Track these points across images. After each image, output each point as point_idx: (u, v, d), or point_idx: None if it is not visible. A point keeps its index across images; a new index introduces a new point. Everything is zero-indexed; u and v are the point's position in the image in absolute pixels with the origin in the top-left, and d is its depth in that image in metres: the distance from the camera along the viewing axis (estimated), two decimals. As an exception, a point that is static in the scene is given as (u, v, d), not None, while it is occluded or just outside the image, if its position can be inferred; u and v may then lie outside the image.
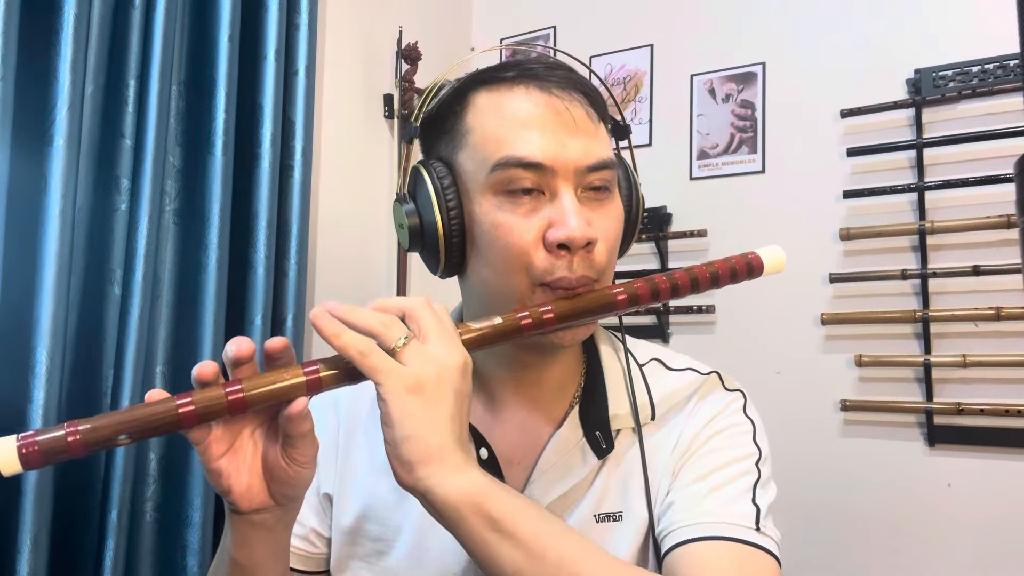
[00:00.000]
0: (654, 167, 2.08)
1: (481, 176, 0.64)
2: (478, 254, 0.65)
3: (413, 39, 2.04)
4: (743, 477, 0.66)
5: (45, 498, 1.17)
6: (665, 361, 0.76)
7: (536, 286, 0.63)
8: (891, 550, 1.74)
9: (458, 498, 0.52)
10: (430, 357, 0.54)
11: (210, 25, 1.50)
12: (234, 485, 0.56)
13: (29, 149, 1.21)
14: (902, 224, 1.76)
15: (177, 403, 0.51)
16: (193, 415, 0.51)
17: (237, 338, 0.54)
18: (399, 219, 0.69)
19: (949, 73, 1.74)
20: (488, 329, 0.60)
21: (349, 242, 1.91)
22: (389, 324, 0.55)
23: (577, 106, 0.65)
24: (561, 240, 0.61)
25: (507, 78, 0.66)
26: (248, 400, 0.52)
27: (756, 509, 0.64)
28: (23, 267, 1.20)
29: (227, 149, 1.48)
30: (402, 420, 0.52)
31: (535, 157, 0.62)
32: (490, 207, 0.63)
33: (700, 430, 0.69)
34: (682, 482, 0.67)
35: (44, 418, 1.16)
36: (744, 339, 1.94)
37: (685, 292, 0.66)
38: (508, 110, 0.64)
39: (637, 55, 2.17)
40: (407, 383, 0.52)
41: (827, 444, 1.82)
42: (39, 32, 1.22)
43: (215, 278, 1.45)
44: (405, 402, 0.52)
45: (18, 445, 0.48)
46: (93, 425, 0.49)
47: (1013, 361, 1.63)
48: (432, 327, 0.56)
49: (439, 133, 0.69)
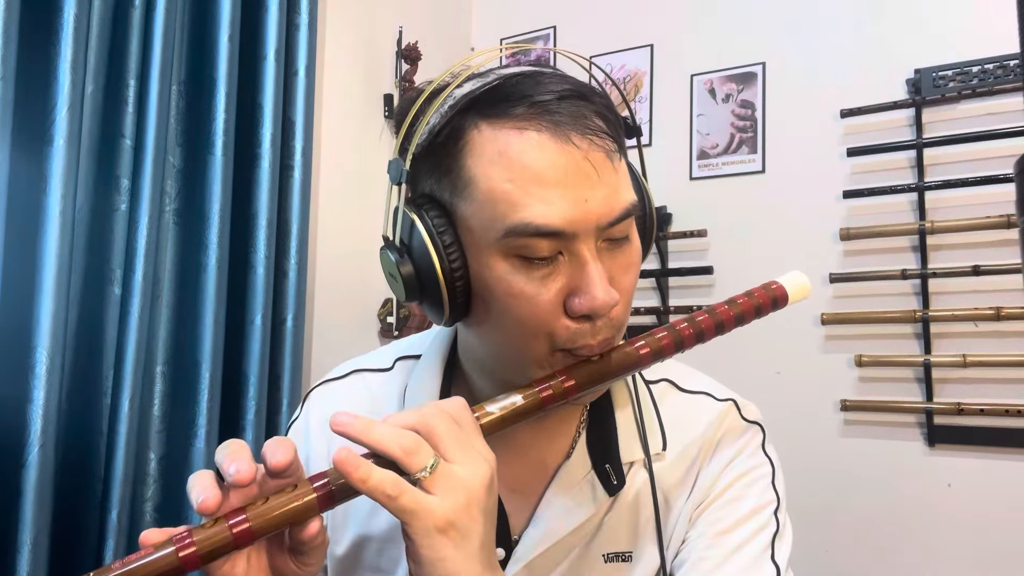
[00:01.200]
0: (654, 167, 2.08)
1: (491, 238, 0.55)
2: (488, 314, 0.59)
3: (413, 39, 2.04)
4: (762, 532, 0.64)
5: (45, 498, 1.17)
6: (677, 382, 0.71)
7: (556, 351, 0.58)
8: (891, 550, 1.74)
9: None
10: (458, 484, 0.50)
11: (210, 25, 1.50)
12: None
13: (29, 149, 1.21)
14: (902, 224, 1.76)
15: (176, 547, 0.47)
16: (195, 557, 0.47)
17: (235, 457, 0.49)
18: (389, 269, 0.60)
19: (949, 73, 1.74)
20: (508, 412, 0.55)
21: (349, 242, 1.91)
22: (411, 450, 0.49)
23: (597, 151, 0.56)
24: (587, 312, 0.56)
25: (513, 115, 0.55)
26: (255, 531, 0.48)
27: (776, 569, 0.62)
28: (23, 267, 1.20)
29: (227, 149, 1.48)
30: (432, 563, 0.49)
31: (555, 225, 0.54)
32: (503, 272, 0.56)
33: (719, 475, 0.66)
34: (699, 533, 0.65)
35: (44, 418, 1.16)
36: (744, 339, 1.93)
37: (710, 337, 0.62)
38: (518, 159, 0.54)
39: (637, 55, 2.17)
40: (437, 523, 0.48)
41: (827, 444, 1.83)
42: (39, 32, 1.22)
43: (215, 278, 1.45)
44: (435, 544, 0.48)
45: None
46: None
47: (1013, 361, 1.63)
48: (454, 443, 0.51)
49: (431, 167, 0.59)
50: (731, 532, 0.63)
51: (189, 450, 1.42)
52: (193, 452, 1.42)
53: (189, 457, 1.42)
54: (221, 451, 0.51)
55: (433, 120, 0.57)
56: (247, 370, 1.53)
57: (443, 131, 0.57)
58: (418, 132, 0.58)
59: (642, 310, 2.04)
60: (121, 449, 1.28)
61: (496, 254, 0.56)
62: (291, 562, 0.53)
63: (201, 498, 0.48)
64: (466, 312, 0.60)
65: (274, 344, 1.59)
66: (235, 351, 1.53)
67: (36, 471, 1.16)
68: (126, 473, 1.29)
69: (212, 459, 0.54)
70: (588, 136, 0.55)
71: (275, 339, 1.60)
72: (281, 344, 1.60)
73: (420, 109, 0.58)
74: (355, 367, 0.75)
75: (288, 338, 1.61)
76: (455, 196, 0.57)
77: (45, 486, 1.17)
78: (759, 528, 0.64)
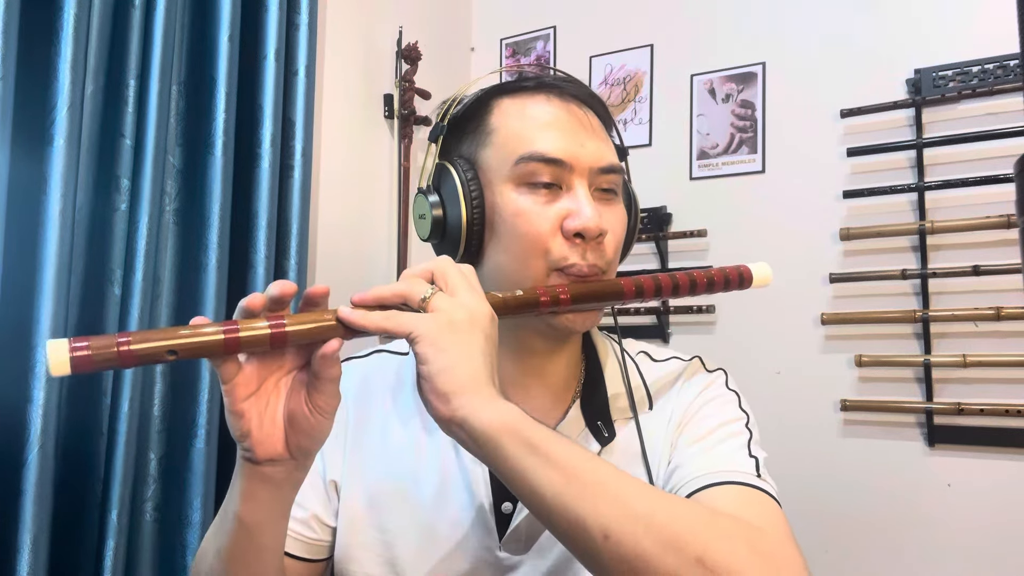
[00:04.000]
0: (654, 167, 2.08)
1: (505, 169, 0.70)
2: (496, 241, 0.70)
3: (413, 39, 2.04)
4: (738, 436, 0.71)
5: (45, 498, 1.17)
6: (651, 354, 0.82)
7: (551, 271, 0.68)
8: (891, 550, 1.74)
9: (495, 425, 0.54)
10: (460, 304, 0.57)
11: (210, 25, 1.49)
12: (253, 429, 0.56)
13: (29, 149, 1.21)
14: (902, 224, 1.76)
15: (223, 328, 0.52)
16: (237, 341, 0.52)
17: (281, 280, 0.55)
18: (421, 210, 0.75)
19: (949, 73, 1.74)
20: (510, 297, 0.63)
21: (349, 242, 1.91)
22: (413, 284, 0.58)
23: (592, 115, 0.73)
24: (577, 229, 0.67)
25: (528, 87, 0.74)
26: (289, 335, 0.54)
27: (755, 460, 0.69)
28: (23, 267, 1.20)
29: (227, 149, 1.48)
30: (436, 355, 0.54)
31: (555, 153, 0.68)
32: (511, 197, 0.69)
33: (690, 403, 0.75)
34: (681, 448, 0.72)
35: (44, 418, 1.16)
36: (744, 339, 1.94)
37: (683, 292, 0.71)
38: (530, 112, 0.72)
39: (637, 55, 2.17)
40: (439, 323, 0.55)
41: (827, 444, 1.82)
42: (39, 32, 1.22)
43: (215, 278, 1.45)
44: (438, 338, 0.55)
45: (70, 347, 0.48)
46: (144, 336, 0.50)
47: (1013, 361, 1.63)
48: (459, 282, 0.59)
49: (462, 134, 0.75)
50: (709, 435, 0.71)
51: (189, 450, 1.42)
52: (193, 452, 1.42)
53: (189, 457, 1.42)
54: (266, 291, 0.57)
55: (466, 99, 0.76)
56: (247, 370, 1.53)
57: (474, 105, 0.75)
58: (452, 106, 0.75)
59: (642, 310, 2.04)
60: (121, 449, 1.28)
61: (508, 182, 0.70)
62: (306, 405, 0.57)
63: (247, 299, 0.54)
64: (479, 251, 0.72)
65: (274, 344, 1.59)
66: (235, 351, 1.53)
67: (36, 471, 1.16)
68: (126, 473, 1.29)
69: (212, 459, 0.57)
70: (586, 105, 0.73)
71: (275, 339, 1.59)
72: (281, 344, 1.60)
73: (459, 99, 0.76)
74: (377, 348, 0.84)
75: (288, 338, 1.60)
76: (478, 146, 0.73)
77: (45, 486, 1.17)
78: (735, 432, 0.71)
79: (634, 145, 2.12)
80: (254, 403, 0.56)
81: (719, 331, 1.98)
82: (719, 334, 1.98)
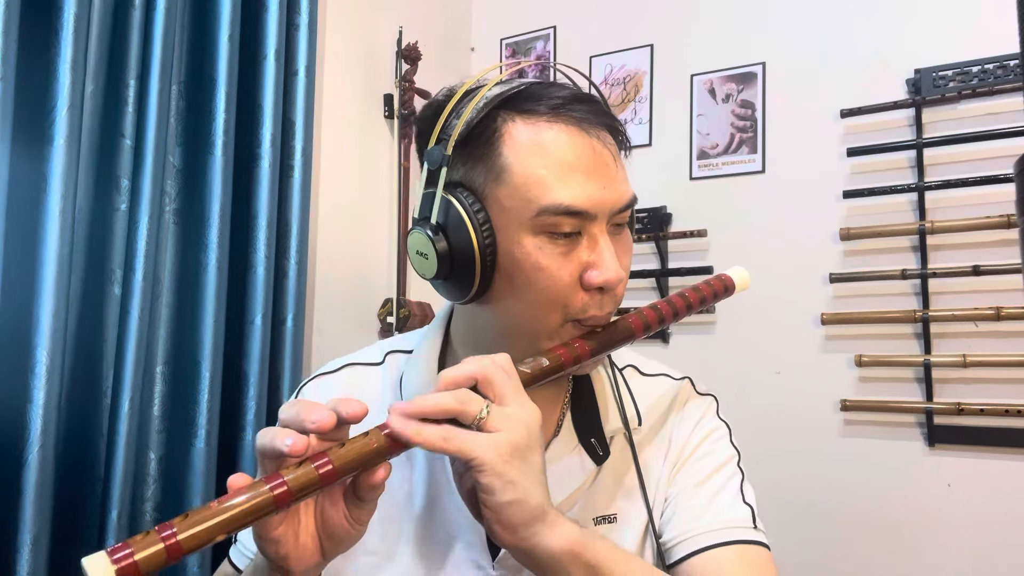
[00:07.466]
0: (654, 167, 2.08)
1: (524, 217, 0.63)
2: (510, 288, 0.65)
3: (413, 39, 2.04)
4: (732, 480, 0.74)
5: (45, 498, 1.17)
6: (639, 367, 0.81)
7: (567, 321, 0.66)
8: (891, 550, 1.74)
9: (560, 551, 0.56)
10: (516, 419, 0.56)
11: (210, 25, 1.50)
12: (290, 551, 0.55)
13: (29, 149, 1.21)
14: (902, 224, 1.76)
15: (269, 486, 0.50)
16: (288, 495, 0.50)
17: (311, 408, 0.53)
18: (422, 247, 0.67)
19: (949, 73, 1.74)
20: (538, 371, 0.62)
21: (349, 242, 1.91)
22: (465, 399, 0.56)
23: (612, 146, 0.66)
24: (601, 284, 0.64)
25: (541, 112, 0.65)
26: (337, 472, 0.52)
27: (750, 509, 0.73)
28: (23, 267, 1.20)
29: (227, 149, 1.48)
30: (504, 487, 0.54)
31: (581, 205, 0.63)
32: (531, 247, 0.63)
33: (687, 438, 0.76)
34: (680, 488, 0.74)
35: (44, 418, 1.16)
36: (744, 339, 1.94)
37: (682, 316, 0.72)
38: (549, 148, 0.63)
39: (637, 55, 2.17)
40: (502, 452, 0.54)
41: (827, 444, 1.82)
42: (39, 32, 1.22)
43: (215, 278, 1.45)
44: (504, 471, 0.54)
45: (112, 560, 0.45)
46: (192, 532, 0.47)
47: (1013, 361, 1.63)
48: (507, 388, 0.57)
49: (466, 158, 0.66)
50: (707, 481, 0.73)
51: (189, 450, 1.42)
52: (193, 452, 1.42)
53: (189, 457, 1.42)
54: (290, 408, 0.54)
55: (469, 116, 0.65)
56: (247, 370, 1.53)
57: (479, 125, 0.65)
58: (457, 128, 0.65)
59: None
60: (121, 449, 1.28)
61: (527, 231, 0.64)
62: (345, 519, 0.56)
63: (290, 441, 0.51)
64: (485, 292, 0.67)
65: (274, 344, 1.59)
66: (235, 351, 1.53)
67: (36, 471, 1.16)
68: (126, 473, 1.29)
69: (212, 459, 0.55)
70: (604, 133, 0.66)
71: (275, 339, 1.60)
72: (281, 344, 1.60)
73: (454, 109, 0.66)
74: (347, 361, 0.80)
75: (288, 338, 1.61)
76: (489, 180, 0.65)
77: (45, 486, 1.17)
78: (729, 476, 0.74)
79: (634, 145, 2.10)
80: (288, 525, 0.55)
81: (719, 331, 1.98)
82: (719, 334, 1.98)
